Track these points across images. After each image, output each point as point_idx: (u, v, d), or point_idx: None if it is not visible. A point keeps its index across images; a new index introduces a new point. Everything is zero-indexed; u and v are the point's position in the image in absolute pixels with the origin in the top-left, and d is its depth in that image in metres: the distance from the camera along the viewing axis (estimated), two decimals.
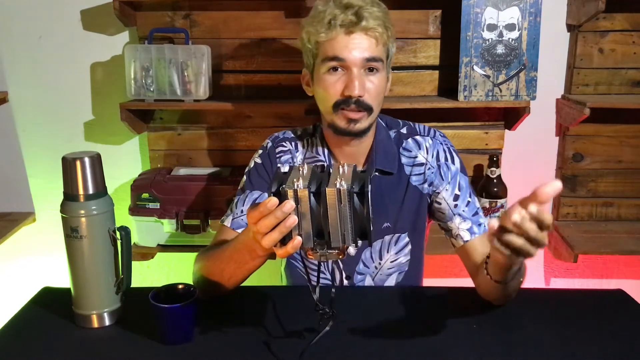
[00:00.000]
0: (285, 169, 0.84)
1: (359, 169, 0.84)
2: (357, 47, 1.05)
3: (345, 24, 1.04)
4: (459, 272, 1.92)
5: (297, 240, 0.79)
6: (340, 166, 0.83)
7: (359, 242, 0.81)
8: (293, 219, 0.78)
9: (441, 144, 1.21)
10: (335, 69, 1.07)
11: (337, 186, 0.77)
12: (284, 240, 0.80)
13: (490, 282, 0.98)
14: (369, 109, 1.09)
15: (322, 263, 0.85)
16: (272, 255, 1.02)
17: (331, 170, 0.83)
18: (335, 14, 1.05)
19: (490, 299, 1.06)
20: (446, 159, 1.20)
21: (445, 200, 1.18)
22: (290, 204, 0.78)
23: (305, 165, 0.83)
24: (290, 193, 0.78)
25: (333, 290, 0.89)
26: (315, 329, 0.95)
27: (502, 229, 0.77)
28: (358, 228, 0.80)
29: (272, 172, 1.20)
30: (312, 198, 0.79)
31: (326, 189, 0.78)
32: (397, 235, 1.21)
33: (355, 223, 0.79)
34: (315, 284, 0.90)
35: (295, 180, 0.79)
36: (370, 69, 1.08)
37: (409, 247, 1.22)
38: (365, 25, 1.04)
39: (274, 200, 0.78)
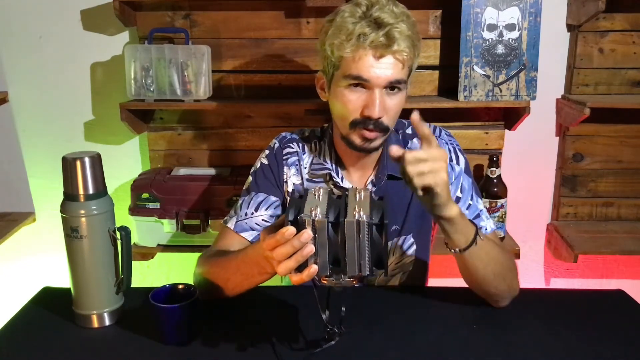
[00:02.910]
0: (296, 181, 0.84)
1: (374, 194, 0.84)
2: (383, 69, 1.01)
3: (375, 45, 0.99)
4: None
5: (314, 268, 0.79)
6: (357, 192, 0.83)
7: (375, 271, 0.81)
8: (310, 248, 0.78)
9: (446, 143, 1.20)
10: (356, 85, 1.04)
11: (357, 217, 0.77)
12: (300, 267, 0.80)
13: (457, 258, 1.00)
14: (385, 130, 1.07)
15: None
16: None
17: (347, 195, 0.83)
18: (366, 32, 0.99)
19: (480, 292, 1.06)
20: (451, 159, 1.18)
21: None
22: (307, 233, 0.77)
23: (321, 190, 0.83)
24: (308, 222, 0.78)
25: (343, 309, 0.89)
26: (317, 331, 0.95)
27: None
28: (375, 257, 0.80)
29: (278, 174, 1.19)
30: (330, 228, 0.78)
31: (345, 220, 0.77)
32: (403, 237, 1.20)
33: (372, 253, 0.79)
34: (325, 304, 0.90)
35: (312, 208, 0.78)
36: (392, 88, 1.05)
37: (414, 247, 1.21)
38: (396, 49, 1.00)
39: (292, 229, 0.78)
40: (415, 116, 0.88)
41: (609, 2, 1.54)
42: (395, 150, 0.88)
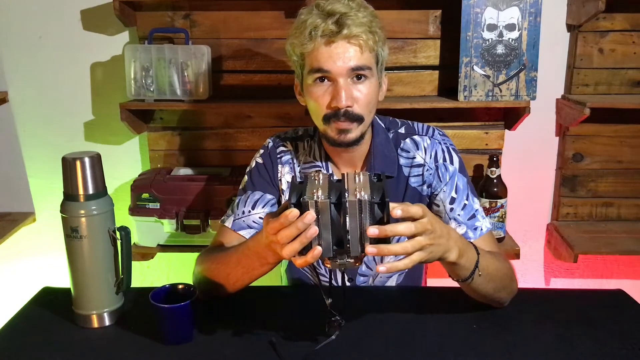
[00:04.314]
0: (290, 179, 0.84)
1: (372, 177, 0.84)
2: (340, 56, 1.01)
3: (326, 33, 1.00)
4: None
5: (318, 250, 0.79)
6: (356, 175, 0.83)
7: None
8: (314, 230, 0.78)
9: (440, 143, 1.19)
10: (321, 79, 1.04)
11: (358, 197, 0.78)
12: (303, 249, 0.80)
13: (459, 283, 1.00)
14: (358, 119, 1.06)
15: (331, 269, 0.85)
16: None
17: (347, 179, 0.83)
18: (317, 23, 1.01)
19: (480, 301, 1.06)
20: (444, 159, 1.17)
21: (443, 203, 1.16)
22: (311, 214, 0.78)
23: (320, 174, 0.84)
24: (311, 204, 0.78)
25: (347, 282, 0.90)
26: (317, 330, 0.95)
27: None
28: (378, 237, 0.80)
29: (273, 172, 1.20)
30: (333, 208, 0.79)
31: (348, 199, 0.78)
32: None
33: None
34: (327, 291, 0.91)
35: (314, 190, 0.79)
36: (358, 77, 1.04)
37: None
38: (346, 34, 1.00)
39: (295, 211, 0.78)
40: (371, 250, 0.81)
41: (609, 2, 1.54)
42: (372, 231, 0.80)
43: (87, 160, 0.97)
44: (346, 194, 0.79)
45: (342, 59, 1.02)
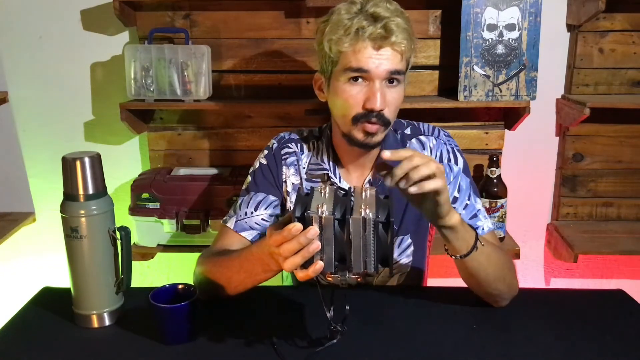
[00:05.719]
0: (294, 181, 0.84)
1: (380, 195, 0.85)
2: (384, 60, 1.02)
3: (374, 37, 1.01)
4: None
5: (319, 265, 0.80)
6: (362, 191, 0.83)
7: (380, 268, 0.82)
8: (316, 245, 0.79)
9: (445, 143, 1.20)
10: (356, 79, 1.04)
11: (363, 215, 0.78)
12: (305, 263, 0.80)
13: (457, 263, 1.00)
14: (386, 123, 1.07)
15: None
16: None
17: (353, 194, 0.83)
18: (364, 25, 1.00)
19: (478, 293, 1.06)
20: (449, 160, 1.18)
21: None
22: (314, 230, 0.78)
23: (327, 187, 0.84)
24: (315, 219, 0.78)
25: (347, 307, 0.90)
26: (319, 331, 0.95)
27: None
28: (380, 255, 0.80)
29: (277, 173, 1.20)
30: (336, 224, 0.79)
31: (352, 217, 0.78)
32: (400, 237, 1.20)
33: (377, 250, 0.79)
34: (329, 297, 0.91)
35: (319, 205, 0.79)
36: (391, 81, 1.05)
37: (412, 248, 1.21)
38: (394, 40, 1.01)
39: (298, 225, 0.78)
40: (386, 154, 0.88)
41: (609, 2, 1.54)
42: (387, 154, 0.88)
43: (87, 160, 0.97)
44: (351, 211, 0.79)
45: (384, 63, 1.02)
